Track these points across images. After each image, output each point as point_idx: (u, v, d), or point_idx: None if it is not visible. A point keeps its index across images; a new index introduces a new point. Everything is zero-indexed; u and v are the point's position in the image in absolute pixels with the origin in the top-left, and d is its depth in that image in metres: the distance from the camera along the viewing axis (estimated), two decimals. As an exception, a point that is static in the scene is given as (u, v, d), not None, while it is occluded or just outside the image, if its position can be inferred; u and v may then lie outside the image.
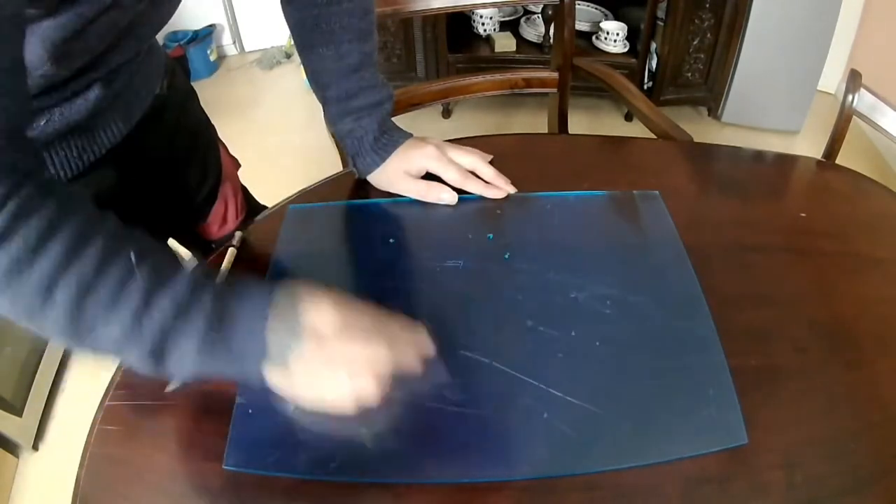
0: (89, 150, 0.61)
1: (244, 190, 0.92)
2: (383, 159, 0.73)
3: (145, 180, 0.70)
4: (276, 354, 0.44)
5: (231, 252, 0.66)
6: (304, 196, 0.75)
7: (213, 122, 0.85)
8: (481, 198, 0.72)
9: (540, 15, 2.22)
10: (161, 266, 0.43)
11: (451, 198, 0.71)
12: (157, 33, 0.64)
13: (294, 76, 2.60)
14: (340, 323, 0.46)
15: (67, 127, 0.57)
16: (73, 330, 0.41)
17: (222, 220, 0.84)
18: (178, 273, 0.43)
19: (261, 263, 0.65)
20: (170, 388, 0.54)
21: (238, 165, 0.90)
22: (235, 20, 2.69)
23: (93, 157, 0.61)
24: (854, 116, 0.93)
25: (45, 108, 0.54)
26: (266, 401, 0.52)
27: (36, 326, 0.42)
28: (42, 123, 0.55)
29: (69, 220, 0.40)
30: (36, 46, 0.45)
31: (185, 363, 0.43)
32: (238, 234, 0.68)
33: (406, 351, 0.49)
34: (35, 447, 1.35)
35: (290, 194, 0.76)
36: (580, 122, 2.23)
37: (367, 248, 0.68)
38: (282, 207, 0.74)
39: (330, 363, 0.45)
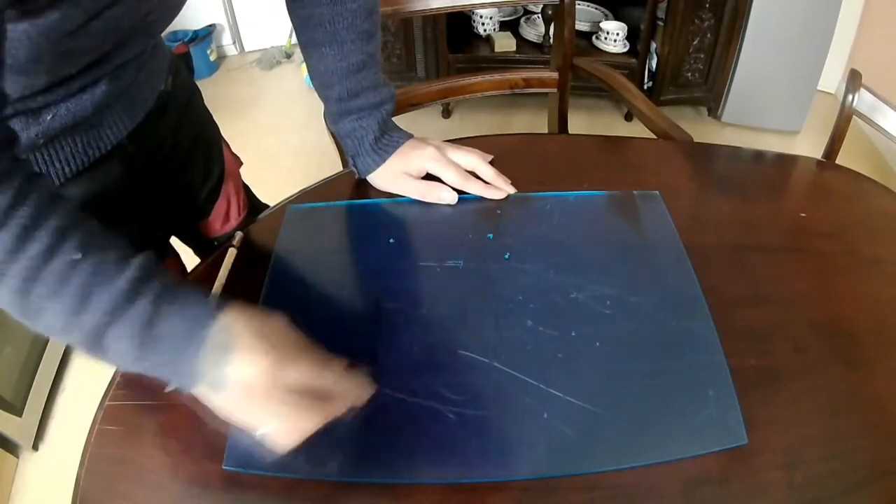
0: (94, 146, 0.61)
1: (246, 188, 0.92)
2: (383, 159, 0.73)
3: (150, 176, 0.71)
4: (207, 378, 0.44)
5: (231, 252, 0.66)
6: (304, 196, 0.75)
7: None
8: (481, 198, 0.72)
9: (540, 15, 2.22)
10: (106, 261, 0.43)
11: (451, 197, 0.71)
12: (163, 30, 0.64)
13: (294, 76, 2.60)
14: (269, 382, 0.43)
15: (73, 122, 0.57)
16: (22, 313, 0.44)
17: (224, 217, 0.84)
18: (121, 271, 0.43)
19: (261, 263, 0.65)
20: (170, 388, 0.54)
21: (240, 163, 0.90)
22: (235, 20, 2.69)
23: (98, 153, 0.61)
24: (854, 116, 0.93)
25: (50, 103, 0.54)
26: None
27: None
28: (48, 118, 0.55)
29: (19, 209, 0.41)
30: (38, 43, 0.45)
31: (122, 362, 0.45)
32: (239, 234, 0.68)
33: (338, 407, 0.46)
34: (35, 447, 1.35)
35: (290, 194, 0.76)
36: (580, 122, 2.23)
37: (367, 248, 0.68)
38: (282, 207, 0.74)
39: (258, 410, 0.44)
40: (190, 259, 0.84)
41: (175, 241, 0.84)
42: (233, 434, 0.50)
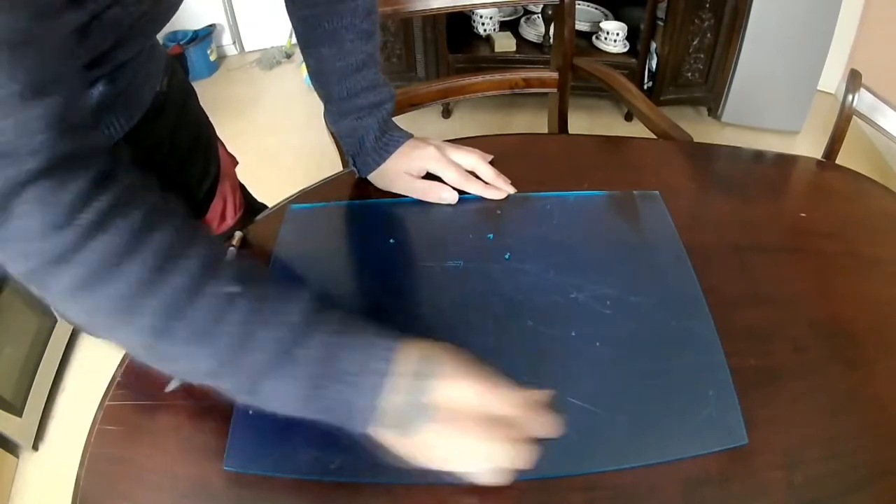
0: None
1: (242, 187, 0.92)
2: (384, 159, 0.73)
3: (144, 175, 0.70)
4: (389, 421, 0.41)
5: (231, 252, 0.66)
6: (304, 196, 0.75)
7: (212, 121, 0.85)
8: (481, 198, 0.72)
9: (540, 15, 2.22)
10: (268, 295, 0.39)
11: (451, 197, 0.71)
12: (160, 30, 0.64)
13: (294, 76, 2.60)
14: (478, 408, 0.42)
15: None
16: (154, 356, 0.39)
17: (221, 216, 0.84)
18: (290, 304, 0.39)
19: (261, 263, 0.65)
20: (170, 388, 0.54)
21: (236, 163, 0.90)
22: (235, 20, 2.69)
23: None
24: (854, 116, 0.93)
25: None
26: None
27: (114, 340, 0.40)
28: None
29: (155, 233, 0.37)
30: None
31: (283, 404, 0.41)
32: (238, 233, 0.68)
33: (524, 435, 0.44)
34: (35, 447, 1.35)
35: (290, 194, 0.76)
36: (580, 122, 2.23)
37: (367, 248, 0.68)
38: (282, 207, 0.74)
39: (467, 440, 0.42)
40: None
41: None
42: (235, 435, 0.50)
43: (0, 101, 0.32)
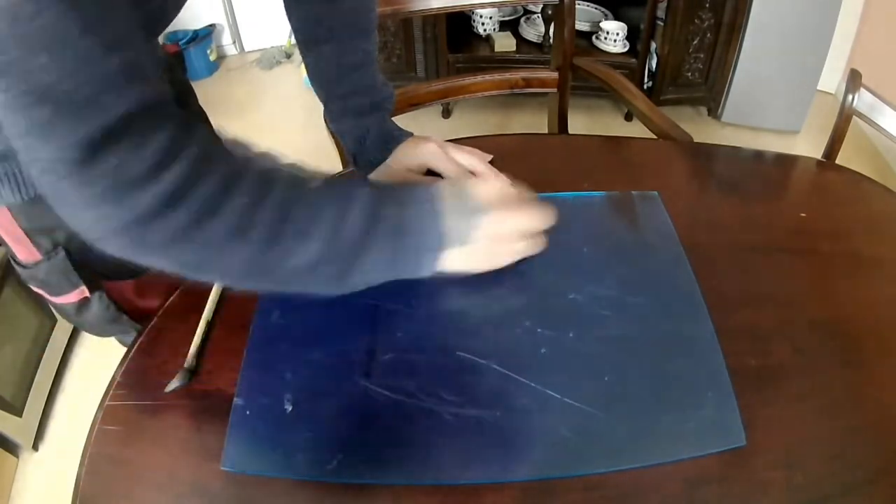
0: None
1: None
2: (385, 157, 0.73)
3: None
4: (454, 239, 0.51)
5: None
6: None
7: (212, 121, 0.85)
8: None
9: (540, 15, 2.22)
10: (336, 182, 0.49)
11: None
12: (163, 31, 0.64)
13: (294, 76, 2.60)
14: (502, 194, 0.55)
15: None
16: (267, 266, 0.44)
17: None
18: (356, 188, 0.48)
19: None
20: (170, 388, 0.54)
21: None
22: (235, 20, 2.69)
23: None
24: (854, 116, 0.93)
25: None
26: (264, 402, 0.52)
27: (215, 271, 0.46)
28: None
29: (245, 174, 0.43)
30: None
31: (372, 273, 0.49)
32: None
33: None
34: (35, 447, 1.35)
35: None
36: (580, 122, 2.23)
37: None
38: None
39: (506, 232, 0.55)
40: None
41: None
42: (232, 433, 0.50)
43: (82, 55, 0.35)
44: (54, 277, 0.62)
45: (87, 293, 0.65)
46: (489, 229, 0.53)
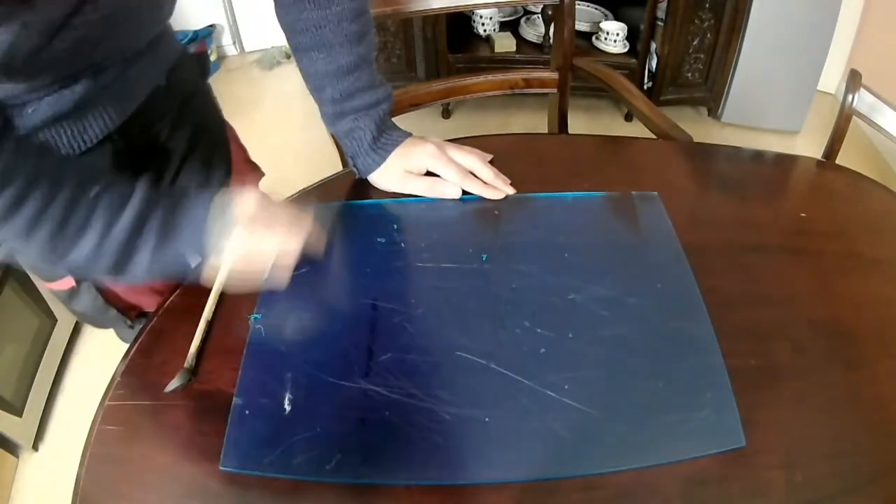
0: (79, 139, 0.61)
1: None
2: (383, 158, 0.73)
3: (139, 172, 0.70)
4: (212, 250, 0.54)
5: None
6: (304, 196, 0.75)
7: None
8: (480, 198, 0.72)
9: (540, 15, 2.22)
10: (115, 194, 0.51)
11: (454, 192, 0.71)
12: (148, 33, 0.63)
13: (294, 76, 2.59)
14: (262, 208, 0.56)
15: (54, 117, 0.57)
16: (53, 255, 0.51)
17: None
18: (136, 190, 0.52)
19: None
20: (169, 388, 0.54)
21: (259, 174, 0.88)
22: (235, 20, 2.69)
23: (83, 146, 0.61)
24: (854, 116, 0.93)
25: (29, 101, 0.55)
26: (263, 402, 0.52)
27: (25, 256, 0.56)
28: (29, 112, 0.55)
29: (40, 182, 0.48)
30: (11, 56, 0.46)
31: (144, 268, 0.53)
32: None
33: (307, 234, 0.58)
34: (35, 447, 1.35)
35: (289, 194, 0.76)
36: (580, 122, 2.23)
37: (366, 248, 0.68)
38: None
39: (261, 232, 0.55)
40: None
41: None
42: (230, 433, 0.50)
43: None
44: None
45: (73, 282, 0.66)
46: (241, 245, 0.54)
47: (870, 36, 2.23)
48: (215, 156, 0.81)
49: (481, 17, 2.23)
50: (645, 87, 2.18)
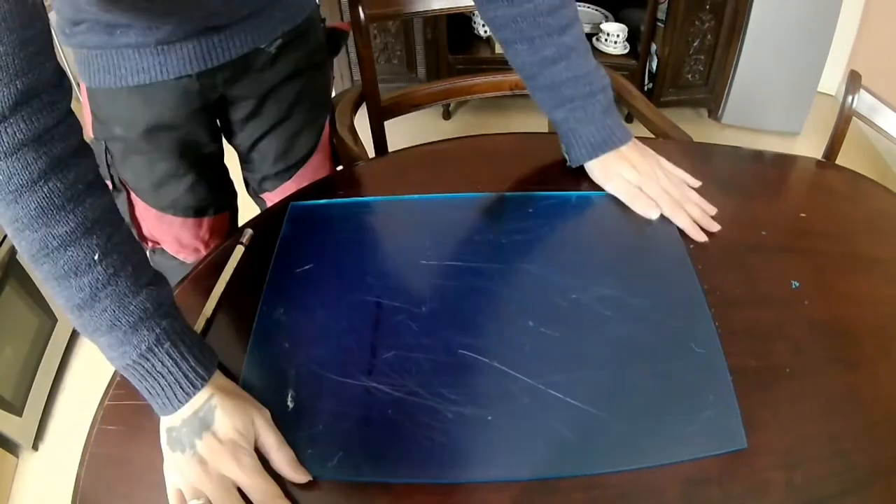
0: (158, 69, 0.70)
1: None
2: (597, 156, 0.73)
3: (214, 119, 0.81)
4: (178, 433, 0.48)
5: (239, 249, 0.66)
6: (306, 193, 0.75)
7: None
8: (482, 197, 0.72)
9: (540, 16, 2.21)
10: (123, 274, 0.47)
11: (655, 214, 0.70)
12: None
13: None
14: (219, 469, 0.47)
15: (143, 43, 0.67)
16: (35, 265, 0.47)
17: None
18: (135, 293, 0.48)
19: (263, 260, 0.65)
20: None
21: (334, 169, 0.94)
22: None
23: (155, 78, 0.70)
24: (854, 118, 0.93)
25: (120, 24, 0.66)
26: (266, 399, 0.52)
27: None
28: (118, 33, 0.67)
29: (57, 178, 0.45)
30: None
31: (114, 363, 0.49)
32: (248, 231, 0.68)
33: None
34: (35, 447, 1.35)
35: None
36: (580, 123, 2.23)
37: (369, 246, 0.68)
38: (284, 204, 0.74)
39: (204, 482, 0.46)
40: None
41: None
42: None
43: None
44: None
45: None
46: (202, 454, 0.47)
47: (870, 37, 2.23)
48: (304, 131, 0.87)
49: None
50: (645, 88, 2.18)
